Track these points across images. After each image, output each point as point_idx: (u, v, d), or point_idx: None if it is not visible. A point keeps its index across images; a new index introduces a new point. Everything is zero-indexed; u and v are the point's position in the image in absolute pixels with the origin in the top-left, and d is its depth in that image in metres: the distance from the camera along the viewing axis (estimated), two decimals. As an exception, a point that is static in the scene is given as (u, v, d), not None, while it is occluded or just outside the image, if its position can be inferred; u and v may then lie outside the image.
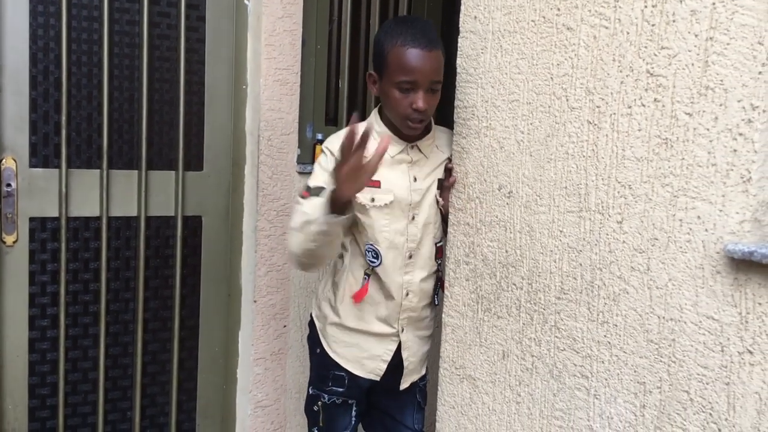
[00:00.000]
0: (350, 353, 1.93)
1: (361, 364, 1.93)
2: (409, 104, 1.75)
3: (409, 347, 1.94)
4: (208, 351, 2.80)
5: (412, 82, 1.74)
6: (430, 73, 1.74)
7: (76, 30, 2.44)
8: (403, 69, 1.74)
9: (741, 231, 1.17)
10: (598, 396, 1.42)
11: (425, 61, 1.73)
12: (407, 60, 1.73)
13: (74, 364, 2.56)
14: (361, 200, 1.81)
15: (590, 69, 1.41)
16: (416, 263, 1.89)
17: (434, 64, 1.75)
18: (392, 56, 1.76)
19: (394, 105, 1.78)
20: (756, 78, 1.13)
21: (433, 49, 1.75)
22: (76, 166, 2.49)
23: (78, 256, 2.53)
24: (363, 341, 1.92)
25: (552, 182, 1.50)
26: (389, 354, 1.93)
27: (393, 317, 1.91)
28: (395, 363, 1.94)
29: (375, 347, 1.92)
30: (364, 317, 1.91)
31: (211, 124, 2.69)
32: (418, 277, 1.90)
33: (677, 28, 1.24)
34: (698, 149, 1.22)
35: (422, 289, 1.92)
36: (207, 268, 2.76)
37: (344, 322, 1.92)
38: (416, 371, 1.99)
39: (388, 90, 1.78)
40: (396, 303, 1.89)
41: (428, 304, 1.96)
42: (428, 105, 1.75)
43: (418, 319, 1.95)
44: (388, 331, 1.92)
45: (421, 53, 1.73)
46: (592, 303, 1.42)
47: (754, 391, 1.15)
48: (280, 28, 2.65)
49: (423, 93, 1.74)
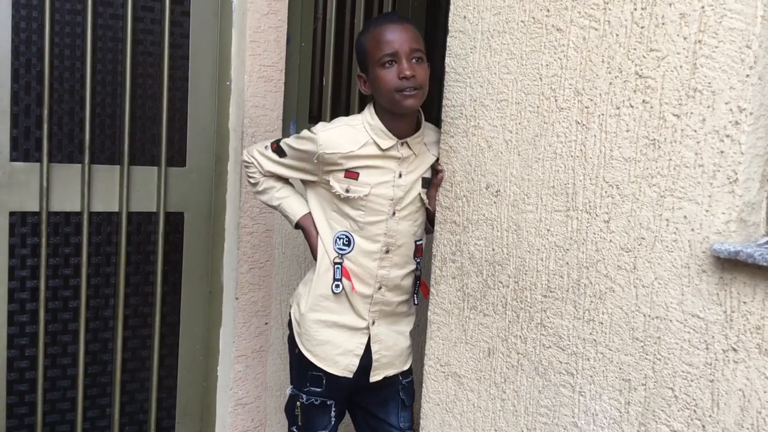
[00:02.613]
0: (323, 351, 1.93)
1: (334, 361, 1.93)
2: (397, 75, 1.76)
3: (380, 341, 1.95)
4: (188, 348, 2.78)
5: (393, 54, 1.77)
6: (408, 41, 1.77)
7: (59, 23, 2.42)
8: (380, 45, 1.78)
9: (727, 231, 1.19)
10: (583, 393, 1.44)
11: (399, 32, 1.77)
12: (382, 35, 1.78)
13: (53, 361, 2.53)
14: (337, 190, 1.85)
15: (579, 70, 1.42)
16: (393, 259, 1.90)
17: (409, 33, 1.78)
18: (369, 42, 1.81)
19: (383, 84, 1.78)
20: (743, 81, 1.15)
21: (405, 23, 1.80)
22: (58, 161, 2.46)
23: (58, 251, 2.50)
24: (335, 336, 1.92)
25: (540, 181, 1.52)
26: (361, 348, 1.93)
27: (364, 309, 1.92)
28: (371, 361, 1.95)
29: (347, 342, 1.92)
30: (336, 309, 1.91)
31: (194, 120, 2.68)
32: (394, 273, 1.91)
33: (666, 30, 1.26)
34: (686, 150, 1.24)
35: (398, 285, 1.93)
36: (188, 264, 2.74)
37: (319, 316, 1.92)
38: (391, 366, 1.99)
39: (376, 75, 1.80)
40: (367, 294, 1.90)
41: (405, 301, 1.97)
42: (416, 73, 1.76)
43: (392, 314, 1.96)
44: (360, 324, 1.92)
45: (393, 26, 1.78)
46: (578, 301, 1.44)
47: (738, 388, 1.18)
48: (265, 25, 2.64)
49: (406, 61, 1.76)
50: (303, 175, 1.95)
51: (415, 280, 1.97)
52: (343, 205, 1.87)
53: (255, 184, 2.04)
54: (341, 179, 1.84)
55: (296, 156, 1.92)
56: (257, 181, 2.03)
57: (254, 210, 2.70)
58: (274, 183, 2.02)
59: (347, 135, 1.85)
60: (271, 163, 1.98)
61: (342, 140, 1.83)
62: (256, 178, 2.02)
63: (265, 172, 2.00)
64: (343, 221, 1.89)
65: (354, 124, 1.87)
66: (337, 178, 1.85)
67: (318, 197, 1.94)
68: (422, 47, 1.80)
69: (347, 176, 1.83)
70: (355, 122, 1.88)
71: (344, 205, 1.87)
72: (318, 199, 1.94)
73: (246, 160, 2.03)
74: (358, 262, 1.89)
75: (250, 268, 2.74)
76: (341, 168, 1.84)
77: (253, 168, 2.01)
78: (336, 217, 1.90)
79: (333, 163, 1.83)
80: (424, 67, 1.80)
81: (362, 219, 1.86)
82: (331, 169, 1.85)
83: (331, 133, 1.85)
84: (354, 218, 1.87)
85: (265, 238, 2.75)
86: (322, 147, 1.82)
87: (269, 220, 2.74)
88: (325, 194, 1.91)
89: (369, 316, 1.92)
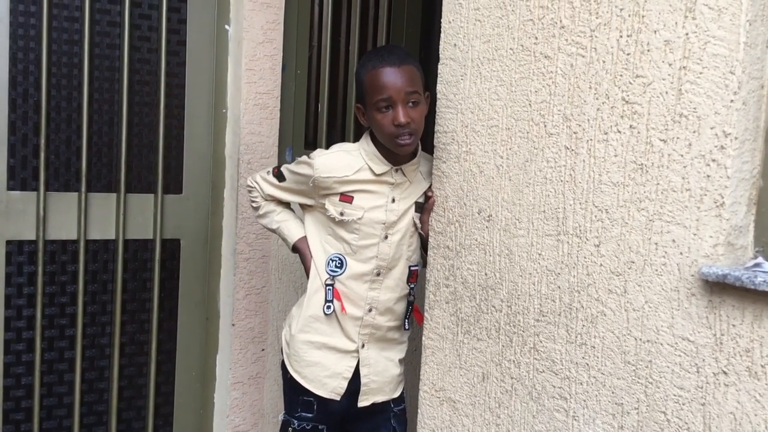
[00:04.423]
0: (312, 373, 1.94)
1: (322, 383, 1.93)
2: (391, 122, 1.78)
3: (369, 365, 1.95)
4: (185, 375, 2.78)
5: (387, 99, 1.78)
6: (403, 86, 1.78)
7: (56, 53, 2.45)
8: (377, 89, 1.79)
9: (715, 254, 1.20)
10: (576, 417, 1.44)
11: (395, 76, 1.78)
12: (378, 79, 1.79)
13: (50, 389, 2.53)
14: (332, 213, 1.88)
15: (567, 96, 1.44)
16: (384, 282, 1.91)
17: (405, 77, 1.79)
18: (367, 82, 1.83)
19: (379, 128, 1.82)
20: (728, 106, 1.17)
21: (402, 64, 1.80)
22: (55, 189, 2.48)
23: (55, 279, 2.51)
24: (324, 358, 1.93)
25: (530, 206, 1.53)
26: (349, 371, 1.93)
27: (353, 331, 1.92)
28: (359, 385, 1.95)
29: (336, 364, 1.93)
30: (326, 330, 1.92)
31: (190, 148, 2.70)
32: (385, 296, 1.92)
33: (652, 57, 1.28)
34: (673, 175, 1.25)
35: (389, 309, 1.94)
36: (185, 291, 2.75)
37: (309, 337, 1.93)
38: (381, 392, 1.98)
39: (372, 115, 1.83)
40: (357, 316, 1.90)
41: (397, 326, 1.98)
42: (410, 118, 1.78)
43: (383, 339, 1.96)
44: (349, 346, 1.93)
45: (389, 70, 1.79)
46: (570, 325, 1.45)
47: (729, 411, 1.18)
48: (261, 53, 2.67)
49: (402, 107, 1.78)
50: (300, 198, 1.99)
51: (408, 306, 1.97)
52: (338, 228, 1.90)
53: (257, 208, 2.10)
54: (336, 203, 1.88)
55: (295, 180, 1.97)
56: (259, 205, 2.08)
57: (250, 236, 2.71)
58: (274, 207, 2.07)
59: (343, 160, 1.89)
60: (271, 187, 2.04)
61: (338, 165, 1.87)
62: (258, 202, 2.09)
63: (266, 196, 2.06)
64: (337, 244, 1.91)
65: (350, 150, 1.92)
66: (333, 201, 1.88)
67: (314, 221, 1.97)
68: (419, 87, 1.82)
69: (342, 200, 1.87)
70: (352, 148, 1.93)
71: (339, 228, 1.90)
72: (314, 223, 1.97)
73: (249, 184, 2.10)
74: (349, 284, 1.90)
75: (246, 294, 2.74)
76: (336, 192, 1.87)
77: (256, 192, 2.07)
78: (331, 240, 1.93)
79: (328, 187, 1.87)
80: (420, 109, 1.82)
81: (356, 242, 1.88)
82: (327, 192, 1.88)
83: (327, 158, 1.90)
84: (348, 241, 1.89)
85: (262, 264, 2.76)
86: (318, 171, 1.86)
87: (266, 246, 2.75)
88: (321, 218, 1.94)
89: (359, 338, 1.93)
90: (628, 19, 1.32)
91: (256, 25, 2.64)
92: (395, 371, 2.00)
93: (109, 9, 2.52)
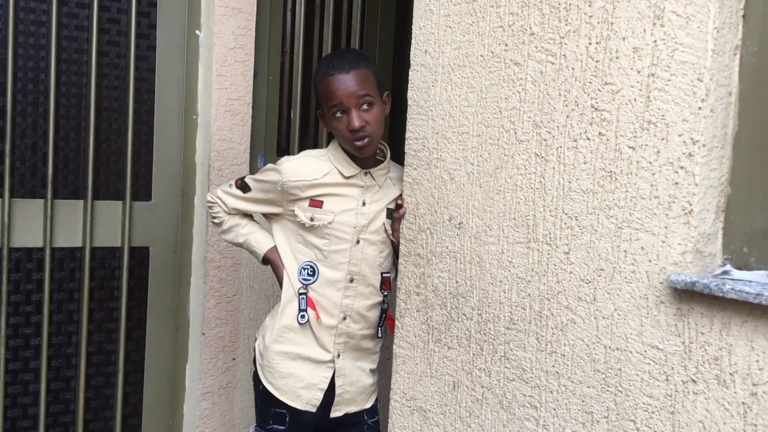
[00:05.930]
0: (286, 384, 1.91)
1: (297, 395, 1.91)
2: (346, 127, 1.80)
3: (344, 375, 1.93)
4: (154, 385, 2.73)
5: (339, 104, 1.80)
6: (353, 90, 1.79)
7: (22, 57, 2.40)
8: (328, 95, 1.82)
9: (683, 262, 1.19)
10: (546, 426, 1.43)
11: (345, 82, 1.79)
12: (329, 86, 1.81)
13: (14, 400, 2.47)
14: (302, 219, 1.87)
15: (537, 103, 1.44)
16: (357, 288, 1.89)
17: (354, 82, 1.80)
18: (320, 89, 1.86)
19: (337, 133, 1.85)
20: (696, 113, 1.17)
21: (352, 69, 1.80)
22: (20, 196, 2.43)
23: (20, 287, 2.46)
24: (298, 369, 1.90)
25: (501, 213, 1.52)
26: (325, 382, 1.91)
27: (329, 341, 1.90)
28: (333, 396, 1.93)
29: (310, 375, 1.90)
30: (300, 341, 1.90)
31: (160, 154, 2.66)
32: (359, 304, 1.90)
33: (620, 64, 1.28)
34: (641, 182, 1.25)
35: (363, 317, 1.92)
36: (154, 300, 2.70)
37: (283, 348, 1.90)
38: (354, 402, 1.96)
39: (329, 121, 1.86)
40: (332, 325, 1.88)
41: (371, 335, 1.96)
42: (364, 121, 1.79)
43: (357, 348, 1.94)
44: (324, 357, 1.90)
45: (339, 77, 1.80)
46: (540, 333, 1.44)
47: (698, 420, 1.17)
48: (232, 59, 2.65)
49: (355, 111, 1.79)
50: (268, 207, 1.95)
51: (381, 313, 1.95)
52: (308, 235, 1.88)
53: (219, 224, 2.04)
54: (306, 208, 1.86)
55: (261, 188, 1.94)
56: (222, 221, 2.03)
57: (221, 244, 2.68)
58: (239, 220, 2.02)
59: (311, 164, 1.88)
60: (235, 200, 1.99)
61: (306, 169, 1.87)
62: (220, 217, 2.03)
63: (229, 210, 2.01)
64: (308, 252, 1.89)
65: (317, 155, 1.93)
66: (302, 207, 1.86)
67: (283, 229, 1.94)
68: (372, 89, 1.82)
69: (311, 204, 1.86)
70: (319, 153, 1.94)
71: (309, 234, 1.88)
72: (283, 232, 1.94)
73: (210, 200, 2.05)
74: (322, 292, 1.88)
75: (217, 302, 2.71)
76: (305, 196, 1.85)
77: (217, 207, 2.02)
78: (301, 248, 1.90)
79: (297, 191, 1.85)
80: (374, 110, 1.82)
81: (327, 247, 1.86)
82: (296, 197, 1.86)
83: (295, 162, 1.89)
84: (319, 247, 1.87)
85: (233, 272, 2.73)
86: (286, 176, 1.85)
87: (237, 254, 2.72)
88: (291, 226, 1.91)
89: (334, 348, 1.90)
90: (597, 27, 1.32)
91: (227, 31, 2.62)
92: (368, 381, 1.98)
93: (77, 13, 2.48)
